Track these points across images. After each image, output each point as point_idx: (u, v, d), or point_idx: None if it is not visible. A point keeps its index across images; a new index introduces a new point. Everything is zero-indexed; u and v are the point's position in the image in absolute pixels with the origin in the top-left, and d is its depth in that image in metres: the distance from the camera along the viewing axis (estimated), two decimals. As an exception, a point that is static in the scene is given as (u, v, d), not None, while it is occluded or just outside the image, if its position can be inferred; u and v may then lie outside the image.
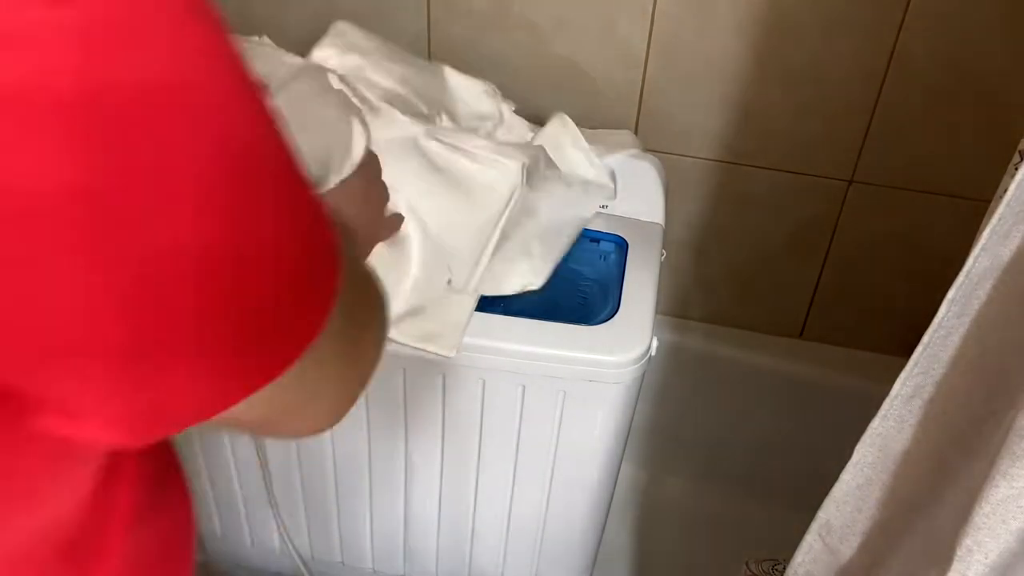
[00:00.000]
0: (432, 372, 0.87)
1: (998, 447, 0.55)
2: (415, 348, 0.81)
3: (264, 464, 0.98)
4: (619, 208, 0.98)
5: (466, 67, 1.11)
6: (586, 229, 0.96)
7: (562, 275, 0.93)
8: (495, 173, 0.81)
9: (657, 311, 0.89)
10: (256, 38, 0.83)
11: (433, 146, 0.82)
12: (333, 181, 0.64)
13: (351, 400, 0.41)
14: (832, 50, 1.01)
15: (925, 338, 0.63)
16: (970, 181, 1.08)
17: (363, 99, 0.80)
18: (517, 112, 0.99)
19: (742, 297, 1.26)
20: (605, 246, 0.96)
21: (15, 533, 0.32)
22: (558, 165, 0.92)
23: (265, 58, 0.76)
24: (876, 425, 0.68)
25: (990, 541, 0.56)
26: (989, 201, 0.61)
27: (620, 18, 1.04)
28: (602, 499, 0.98)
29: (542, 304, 0.90)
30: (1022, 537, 0.56)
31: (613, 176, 0.96)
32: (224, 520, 1.10)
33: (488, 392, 0.87)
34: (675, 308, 1.29)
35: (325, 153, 0.64)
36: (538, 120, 1.13)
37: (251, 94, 0.28)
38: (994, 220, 0.57)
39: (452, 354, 0.81)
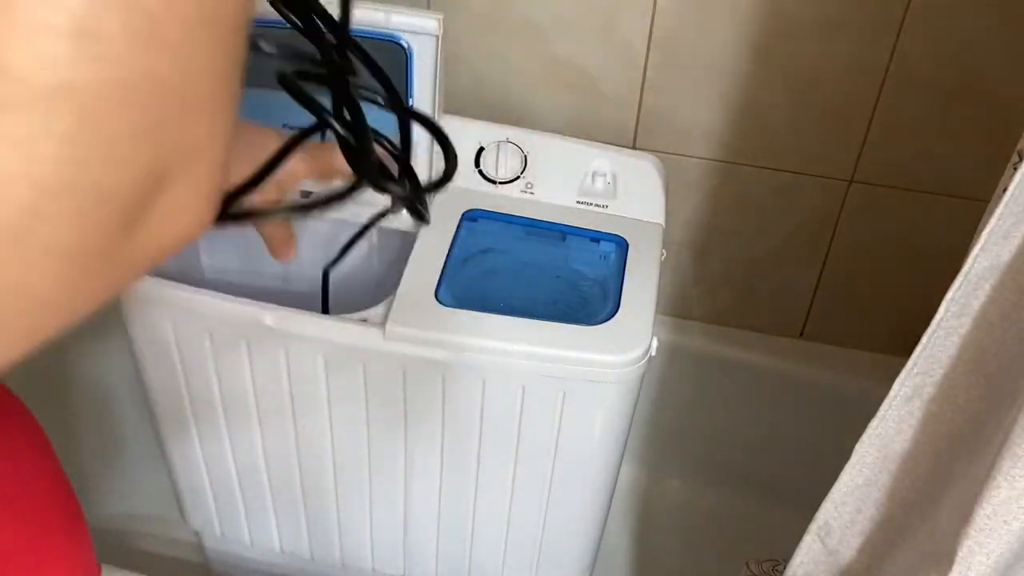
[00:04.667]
0: (432, 372, 0.87)
1: (999, 447, 0.55)
2: None
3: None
4: (619, 208, 0.98)
5: (466, 66, 1.11)
6: (586, 229, 0.96)
7: (562, 275, 0.93)
8: None
9: (657, 311, 0.89)
10: None
11: None
12: None
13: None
14: (832, 50, 1.01)
15: (924, 338, 0.63)
16: (970, 181, 1.08)
17: None
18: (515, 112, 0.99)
19: (742, 297, 1.26)
20: (605, 246, 0.96)
21: None
22: None
23: None
24: (875, 426, 0.68)
25: (992, 542, 0.56)
26: (989, 201, 0.61)
27: (620, 17, 1.04)
28: (602, 499, 0.98)
29: (542, 304, 0.90)
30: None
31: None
32: (224, 520, 1.10)
33: (488, 392, 0.87)
34: (675, 308, 1.29)
35: None
36: (536, 120, 1.13)
37: None
38: (993, 220, 0.57)
39: None
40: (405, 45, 0.87)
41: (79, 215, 0.22)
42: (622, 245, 0.95)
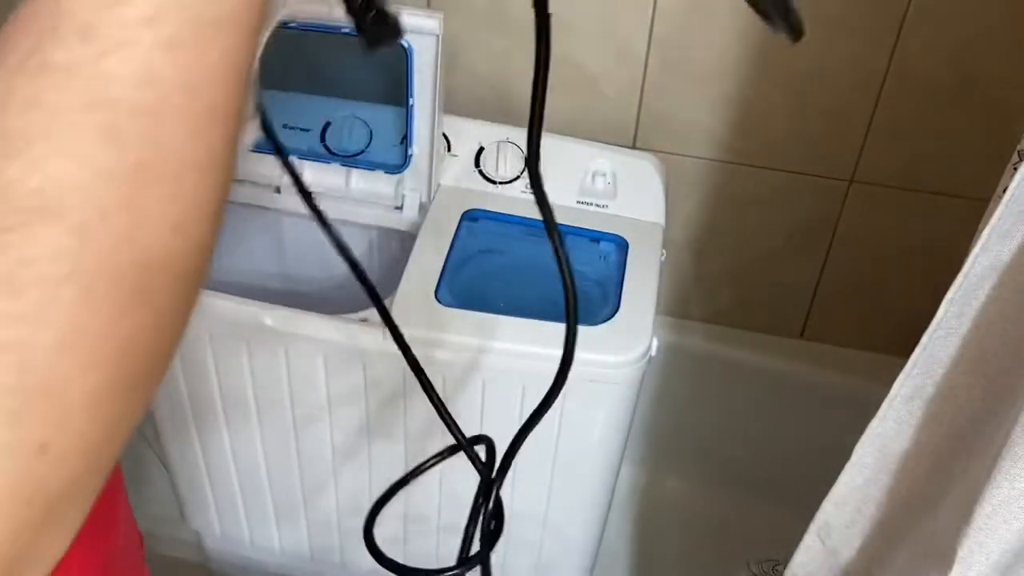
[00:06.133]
0: (432, 372, 0.86)
1: (999, 447, 0.55)
2: None
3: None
4: (619, 208, 0.98)
5: (466, 66, 1.11)
6: (586, 229, 0.96)
7: (562, 275, 0.93)
8: None
9: (657, 311, 0.88)
10: None
11: None
12: None
13: None
14: (833, 50, 1.01)
15: (925, 338, 0.63)
16: (970, 181, 1.08)
17: None
18: (517, 112, 0.99)
19: (742, 297, 1.26)
20: (605, 246, 0.96)
21: None
22: None
23: None
24: (875, 426, 0.68)
25: (992, 542, 0.56)
26: (989, 201, 0.61)
27: (620, 17, 1.04)
28: (602, 499, 0.98)
29: (542, 304, 0.90)
30: None
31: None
32: (224, 520, 1.10)
33: (488, 392, 0.87)
34: (675, 308, 1.28)
35: None
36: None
37: None
38: (994, 220, 0.57)
39: None
40: (405, 44, 0.87)
41: None
42: (622, 245, 0.95)
